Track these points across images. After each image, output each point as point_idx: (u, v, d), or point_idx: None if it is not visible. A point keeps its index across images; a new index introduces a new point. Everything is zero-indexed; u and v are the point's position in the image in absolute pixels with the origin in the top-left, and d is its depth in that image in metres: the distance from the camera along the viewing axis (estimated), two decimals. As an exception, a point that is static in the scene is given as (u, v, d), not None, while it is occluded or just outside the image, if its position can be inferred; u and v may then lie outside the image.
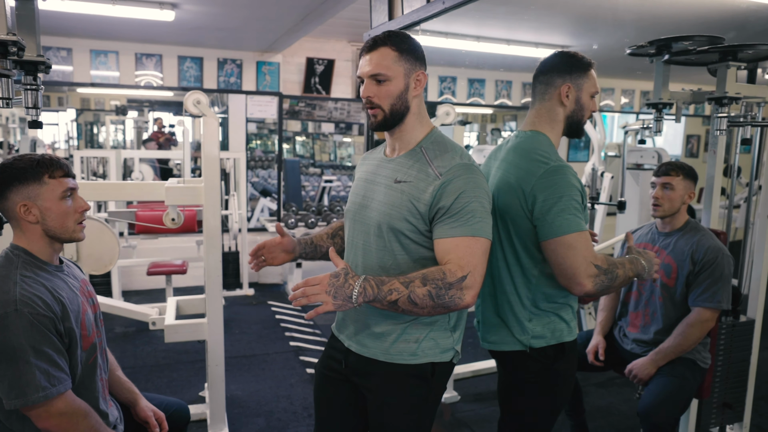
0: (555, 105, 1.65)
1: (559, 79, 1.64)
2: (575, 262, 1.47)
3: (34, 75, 1.62)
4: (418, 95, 1.45)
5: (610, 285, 1.52)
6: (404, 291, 1.25)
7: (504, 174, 1.63)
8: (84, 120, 7.65)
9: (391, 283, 1.26)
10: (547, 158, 1.56)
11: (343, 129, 6.56)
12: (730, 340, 2.50)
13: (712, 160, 2.41)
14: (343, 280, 1.24)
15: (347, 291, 1.22)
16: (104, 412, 1.62)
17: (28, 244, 1.53)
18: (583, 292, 1.50)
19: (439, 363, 1.49)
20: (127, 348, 3.95)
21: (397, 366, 1.47)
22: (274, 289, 5.69)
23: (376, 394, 1.52)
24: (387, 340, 1.47)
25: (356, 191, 1.59)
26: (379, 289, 1.25)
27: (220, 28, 4.60)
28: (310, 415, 3.05)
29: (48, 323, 1.41)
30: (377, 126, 1.45)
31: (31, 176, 1.49)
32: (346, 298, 1.23)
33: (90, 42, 5.11)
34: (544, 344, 1.63)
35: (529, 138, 1.65)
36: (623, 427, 2.96)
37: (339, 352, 1.61)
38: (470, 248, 1.32)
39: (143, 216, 4.03)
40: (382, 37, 1.42)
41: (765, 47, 2.06)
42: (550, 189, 1.51)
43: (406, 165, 1.45)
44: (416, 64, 1.43)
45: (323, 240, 1.84)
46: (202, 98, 2.73)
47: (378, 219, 1.45)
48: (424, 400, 1.51)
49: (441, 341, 1.49)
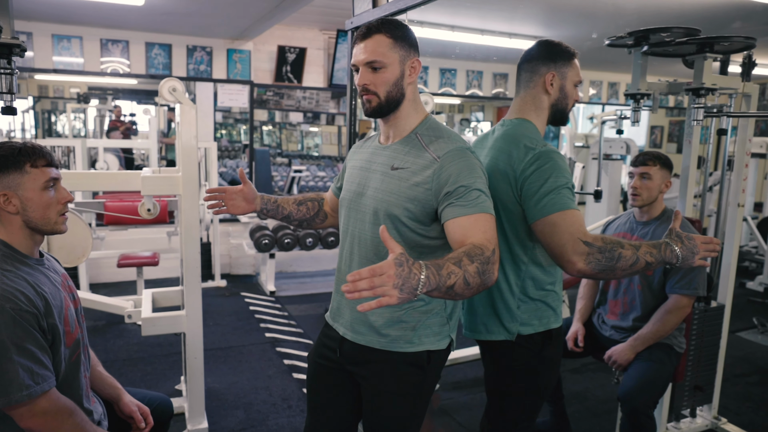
0: (540, 93, 1.68)
1: (543, 67, 1.66)
2: (561, 240, 1.45)
3: (9, 58, 1.55)
4: (412, 82, 1.45)
5: (611, 266, 1.43)
6: (459, 272, 1.13)
7: (492, 161, 1.64)
8: (41, 108, 7.38)
9: (446, 266, 1.12)
10: (534, 143, 1.58)
11: (311, 119, 6.50)
12: (702, 325, 2.58)
13: (688, 150, 2.47)
14: (408, 270, 1.05)
15: (413, 282, 1.05)
16: (88, 409, 1.57)
17: (7, 236, 1.47)
18: (576, 272, 1.45)
19: (435, 351, 1.49)
20: (97, 342, 3.84)
21: (392, 354, 1.47)
22: (246, 280, 5.62)
23: (371, 382, 1.52)
24: (383, 327, 1.47)
25: (351, 179, 1.57)
26: (440, 275, 1.10)
27: (190, 14, 4.48)
28: (290, 406, 3.03)
29: (31, 319, 1.36)
30: (372, 112, 1.44)
31: (12, 165, 1.43)
32: (412, 290, 1.05)
33: (52, 26, 4.91)
34: (532, 331, 1.65)
35: (516, 125, 1.67)
36: (599, 411, 3.03)
37: (333, 341, 1.60)
38: (489, 223, 1.30)
39: (113, 207, 3.92)
40: (377, 24, 1.41)
41: (740, 39, 2.12)
42: (537, 171, 1.52)
43: (401, 152, 1.45)
44: (411, 51, 1.43)
45: (288, 203, 1.81)
46: (178, 85, 2.66)
47: (375, 206, 1.45)
48: (419, 388, 1.51)
49: (437, 328, 1.49)
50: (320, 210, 1.86)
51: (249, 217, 5.43)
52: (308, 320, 4.48)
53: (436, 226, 1.41)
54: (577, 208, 1.50)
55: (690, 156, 2.45)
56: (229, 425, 2.82)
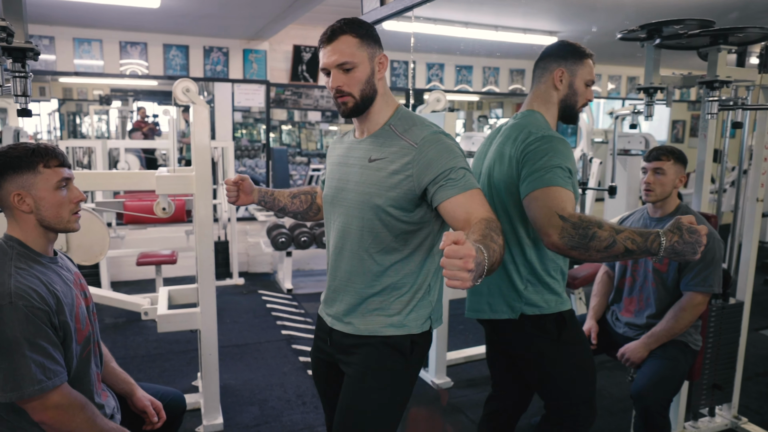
0: (549, 88, 1.76)
1: (554, 63, 1.75)
2: (540, 213, 1.50)
3: (23, 62, 1.59)
4: (382, 77, 1.49)
5: (584, 243, 1.44)
6: (497, 248, 1.14)
7: (499, 146, 1.73)
8: (66, 110, 7.53)
9: (489, 245, 1.11)
10: (539, 129, 1.65)
11: (330, 117, 6.52)
12: (719, 323, 2.53)
13: (703, 144, 2.43)
14: (480, 256, 1.02)
15: (481, 269, 1.03)
16: (99, 404, 1.61)
17: (22, 235, 1.50)
18: (551, 244, 1.49)
19: (418, 336, 1.51)
20: (117, 339, 3.92)
21: (375, 338, 1.49)
22: (264, 278, 5.67)
23: (354, 368, 1.53)
24: (367, 314, 1.50)
25: (331, 176, 1.60)
26: (490, 256, 1.08)
27: (206, 16, 4.53)
28: (304, 402, 3.06)
29: (43, 316, 1.39)
30: (349, 113, 1.47)
31: (26, 165, 1.47)
32: (481, 275, 1.03)
33: (73, 30, 5.01)
34: (538, 312, 1.71)
35: (525, 116, 1.76)
36: (615, 409, 3.00)
37: (323, 332, 1.63)
38: (482, 197, 1.34)
39: (131, 206, 3.99)
40: (340, 26, 1.42)
41: (756, 30, 2.07)
42: (534, 151, 1.60)
43: (377, 143, 1.48)
44: (376, 48, 1.46)
45: (283, 196, 1.90)
46: (192, 86, 2.70)
47: (357, 199, 1.48)
48: (399, 375, 1.52)
49: (420, 311, 1.52)
50: (313, 203, 1.92)
51: (266, 215, 5.48)
52: (324, 318, 4.50)
53: (419, 211, 1.44)
54: (567, 188, 1.53)
55: (705, 150, 2.41)
56: (243, 421, 2.86)
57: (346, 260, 1.52)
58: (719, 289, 2.23)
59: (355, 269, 1.51)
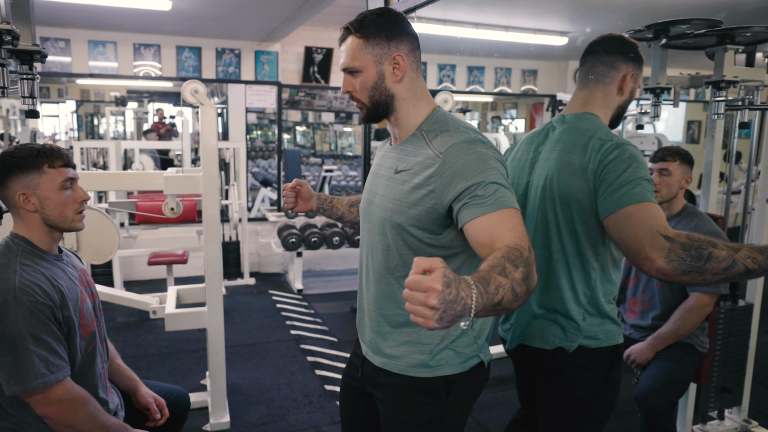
0: (613, 90, 1.56)
1: (623, 64, 1.54)
2: (638, 233, 1.27)
3: (30, 64, 1.62)
4: (400, 79, 1.29)
5: (699, 266, 1.21)
6: (507, 283, 0.93)
7: (563, 155, 1.49)
8: (84, 111, 7.65)
9: (492, 279, 0.92)
10: (608, 135, 1.46)
11: (344, 118, 6.57)
12: (728, 325, 2.51)
13: (710, 144, 2.41)
14: (455, 293, 0.82)
15: (458, 309, 0.82)
16: (104, 399, 1.64)
17: (27, 233, 1.54)
18: (656, 270, 1.24)
19: (457, 377, 1.31)
20: (128, 337, 3.97)
21: (406, 378, 1.32)
22: (275, 279, 5.71)
23: (387, 407, 1.39)
24: (399, 347, 1.33)
25: (366, 187, 1.47)
26: (487, 292, 0.89)
27: (218, 17, 4.58)
28: (311, 402, 3.08)
29: (47, 311, 1.42)
30: (365, 119, 1.34)
31: (31, 165, 1.50)
32: (455, 317, 0.83)
33: (88, 32, 5.09)
34: (595, 345, 1.50)
35: (583, 118, 1.54)
36: (623, 411, 2.97)
37: (358, 358, 1.49)
38: (516, 219, 1.11)
39: (143, 206, 4.04)
40: (347, 25, 1.29)
41: (762, 29, 2.05)
42: (615, 161, 1.38)
43: (406, 152, 1.31)
44: (389, 47, 1.27)
45: (342, 204, 1.79)
46: (200, 87, 2.73)
47: (381, 215, 1.33)
48: (436, 421, 1.32)
49: (462, 350, 1.32)
50: None
51: (276, 216, 5.52)
52: (334, 318, 4.52)
53: (449, 234, 1.24)
54: (656, 203, 1.34)
55: (713, 151, 2.38)
56: (250, 420, 2.88)
57: (373, 282, 1.37)
58: (725, 290, 2.21)
59: (381, 293, 1.34)
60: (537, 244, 1.54)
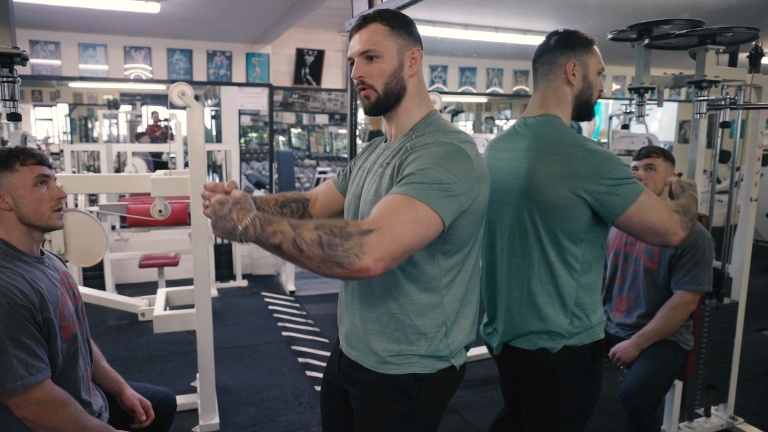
0: (561, 84, 1.55)
1: (562, 57, 1.54)
2: (663, 217, 1.45)
3: (10, 67, 1.63)
4: (414, 74, 1.31)
5: (691, 223, 1.53)
6: (289, 233, 1.04)
7: (537, 164, 1.50)
8: (77, 115, 7.64)
9: (279, 223, 1.06)
10: (573, 139, 1.48)
11: (338, 120, 6.56)
12: (713, 323, 2.52)
13: (694, 143, 2.43)
14: (227, 211, 1.09)
15: (228, 225, 1.08)
16: (87, 401, 1.64)
17: (5, 234, 1.54)
18: (679, 240, 1.47)
19: (427, 375, 1.30)
20: (120, 340, 3.97)
21: (377, 375, 1.31)
22: (267, 281, 5.71)
23: (359, 404, 1.38)
24: (371, 341, 1.32)
25: (353, 181, 1.45)
26: (263, 229, 1.05)
27: (207, 20, 4.58)
28: (300, 403, 3.08)
29: (26, 313, 1.42)
30: (371, 108, 1.32)
31: (3, 164, 1.52)
32: (227, 231, 1.09)
33: (78, 35, 5.08)
34: (578, 344, 1.53)
35: (544, 123, 1.55)
36: (610, 410, 2.98)
37: (336, 354, 1.48)
38: (398, 207, 1.09)
39: (134, 209, 4.04)
40: (372, 14, 1.30)
41: (742, 30, 2.07)
42: (600, 166, 1.41)
43: (395, 149, 1.31)
44: (410, 41, 1.30)
45: (269, 205, 1.55)
46: (187, 89, 2.73)
47: (364, 209, 1.33)
48: (407, 418, 1.31)
49: (432, 351, 1.30)
50: (305, 212, 1.62)
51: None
52: (326, 319, 4.52)
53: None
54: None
55: (696, 150, 2.40)
56: (240, 421, 2.88)
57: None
58: (709, 287, 2.23)
59: (360, 284, 1.35)
60: (516, 252, 1.56)
